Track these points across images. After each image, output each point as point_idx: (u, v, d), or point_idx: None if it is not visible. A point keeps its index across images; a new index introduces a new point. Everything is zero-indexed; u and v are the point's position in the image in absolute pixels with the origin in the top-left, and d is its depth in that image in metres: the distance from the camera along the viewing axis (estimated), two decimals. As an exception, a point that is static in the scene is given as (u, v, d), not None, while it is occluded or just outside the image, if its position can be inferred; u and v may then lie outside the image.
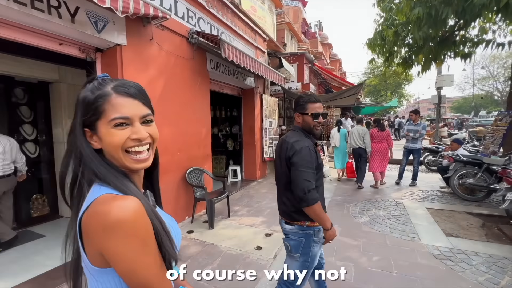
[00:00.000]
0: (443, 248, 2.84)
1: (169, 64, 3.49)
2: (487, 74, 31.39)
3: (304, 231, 1.46)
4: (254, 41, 6.04)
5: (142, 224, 0.52)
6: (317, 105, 1.49)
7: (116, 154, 0.58)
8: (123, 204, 0.51)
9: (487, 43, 4.22)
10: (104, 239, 0.50)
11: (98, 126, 0.58)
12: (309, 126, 1.50)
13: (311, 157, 1.41)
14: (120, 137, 0.57)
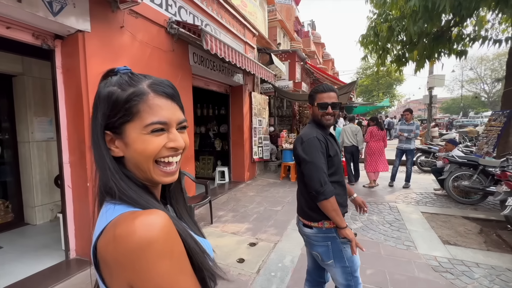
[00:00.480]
0: (442, 258, 2.61)
1: (144, 55, 3.15)
2: (475, 76, 32.07)
3: (326, 234, 1.37)
4: (242, 36, 5.74)
5: (175, 241, 0.44)
6: (325, 95, 1.40)
7: (146, 165, 0.49)
8: (148, 220, 0.42)
9: (483, 40, 4.05)
10: (132, 268, 0.40)
11: (126, 130, 0.48)
12: (318, 117, 1.43)
13: (321, 147, 1.34)
14: (156, 145, 0.49)
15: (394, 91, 29.48)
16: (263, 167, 7.11)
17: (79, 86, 2.48)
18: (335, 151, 1.41)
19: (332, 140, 1.45)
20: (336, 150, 1.43)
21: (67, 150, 2.60)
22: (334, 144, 1.45)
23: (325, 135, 1.41)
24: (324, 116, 1.40)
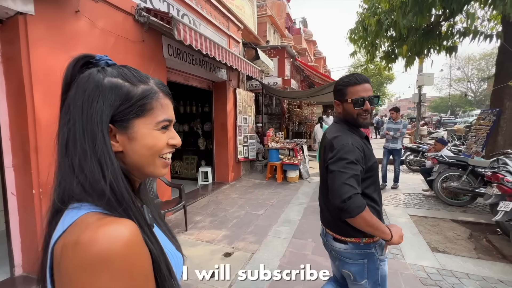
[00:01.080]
0: (430, 269, 2.41)
1: (106, 45, 2.81)
2: (462, 75, 32.69)
3: (364, 251, 1.15)
4: (226, 29, 5.42)
5: (137, 260, 0.39)
6: (360, 88, 1.14)
7: (151, 159, 0.50)
8: (114, 230, 0.38)
9: (474, 34, 3.88)
10: (84, 281, 0.35)
11: (135, 125, 0.48)
12: (352, 116, 1.18)
13: (356, 155, 1.08)
14: (163, 141, 0.51)
15: (385, 89, 29.70)
16: (249, 167, 6.84)
17: (22, 78, 2.13)
18: (374, 158, 1.17)
19: (369, 145, 1.21)
20: (374, 157, 1.19)
21: (10, 152, 2.25)
22: (371, 150, 1.21)
23: (361, 138, 1.18)
24: (361, 115, 1.16)
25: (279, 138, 6.79)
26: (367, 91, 1.14)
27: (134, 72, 0.51)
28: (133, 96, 0.48)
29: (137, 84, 0.49)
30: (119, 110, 0.47)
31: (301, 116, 10.54)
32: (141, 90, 0.49)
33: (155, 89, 0.51)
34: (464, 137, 9.08)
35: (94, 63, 0.50)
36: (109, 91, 0.46)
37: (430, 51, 4.77)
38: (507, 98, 4.48)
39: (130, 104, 0.47)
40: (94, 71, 0.47)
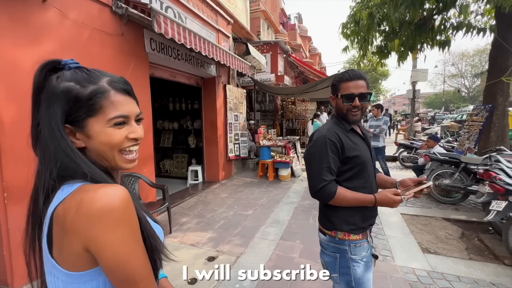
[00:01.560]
0: (421, 271, 2.33)
1: (79, 39, 2.63)
2: (456, 72, 32.87)
3: (337, 245, 1.20)
4: (214, 23, 5.24)
5: (131, 212, 0.50)
6: (351, 84, 1.17)
7: (110, 154, 0.55)
8: (111, 190, 0.49)
9: (467, 28, 3.78)
10: (90, 229, 0.46)
11: (88, 124, 0.53)
12: (342, 111, 1.21)
13: (328, 147, 1.14)
14: (119, 136, 0.55)
15: (380, 86, 29.72)
16: (240, 165, 6.71)
17: (-20, 73, 1.96)
18: (357, 151, 1.18)
19: (355, 138, 1.22)
20: (360, 150, 1.19)
21: (-29, 154, 2.08)
22: (359, 143, 1.21)
23: (344, 132, 1.21)
24: (350, 110, 1.18)
25: (271, 136, 6.66)
26: (358, 88, 1.16)
27: (88, 73, 0.54)
28: (82, 98, 0.51)
29: (87, 86, 0.52)
30: (72, 112, 0.52)
31: (295, 112, 10.42)
32: (89, 91, 0.52)
33: (104, 88, 0.53)
34: (457, 133, 9.07)
35: (62, 67, 0.55)
36: (61, 95, 0.51)
37: (423, 46, 4.66)
38: (500, 93, 4.41)
39: (80, 105, 0.51)
40: (54, 78, 0.53)
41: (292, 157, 5.92)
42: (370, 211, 1.20)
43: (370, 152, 1.25)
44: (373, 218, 1.24)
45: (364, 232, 1.19)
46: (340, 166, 1.16)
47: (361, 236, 1.18)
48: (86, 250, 0.47)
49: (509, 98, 4.55)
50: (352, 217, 1.18)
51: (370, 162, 1.22)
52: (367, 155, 1.21)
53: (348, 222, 1.17)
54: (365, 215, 1.19)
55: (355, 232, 1.17)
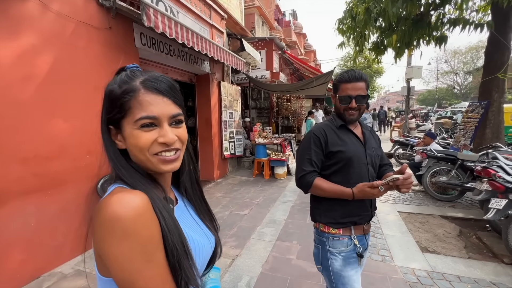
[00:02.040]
0: (420, 271, 2.28)
1: (63, 32, 2.48)
2: (448, 69, 33.23)
3: (319, 237, 1.26)
4: (208, 18, 5.09)
5: (144, 225, 0.44)
6: (350, 86, 1.18)
7: (142, 157, 0.52)
8: (125, 197, 0.45)
9: (465, 24, 3.73)
10: (100, 237, 0.43)
11: (123, 125, 0.52)
12: (339, 111, 1.25)
13: (312, 141, 1.22)
14: (145, 140, 0.51)
15: (374, 83, 29.87)
16: (236, 164, 6.61)
17: (-47, 68, 1.81)
18: (342, 147, 1.19)
19: (345, 135, 1.23)
20: (346, 146, 1.20)
21: None
22: (348, 140, 1.22)
23: (332, 128, 1.24)
24: (347, 111, 1.21)
25: (266, 133, 6.58)
26: (356, 90, 1.17)
27: (132, 73, 0.53)
28: (115, 98, 0.51)
29: (122, 86, 0.51)
30: (111, 114, 0.52)
31: (290, 110, 10.34)
32: (121, 90, 0.50)
33: (134, 87, 0.51)
34: (451, 130, 9.13)
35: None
36: (105, 97, 0.53)
37: (419, 42, 4.61)
38: (496, 90, 4.40)
39: (114, 107, 0.51)
40: (111, 81, 0.55)
41: (288, 155, 5.85)
42: (354, 208, 1.19)
43: (366, 150, 1.23)
44: (357, 217, 1.20)
45: (345, 228, 1.20)
46: (324, 160, 1.21)
47: (341, 231, 1.20)
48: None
49: (505, 95, 4.55)
50: (331, 211, 1.21)
51: (361, 159, 1.20)
52: (356, 152, 1.20)
53: (327, 216, 1.22)
54: (345, 211, 1.19)
55: (334, 226, 1.20)
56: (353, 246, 1.19)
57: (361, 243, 1.21)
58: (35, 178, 2.24)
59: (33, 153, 2.22)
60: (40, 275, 2.29)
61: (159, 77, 0.54)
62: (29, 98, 2.20)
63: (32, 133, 2.22)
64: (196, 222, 0.63)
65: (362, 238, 1.23)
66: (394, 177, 1.02)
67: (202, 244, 0.59)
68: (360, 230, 1.22)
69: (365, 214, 1.23)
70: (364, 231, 1.24)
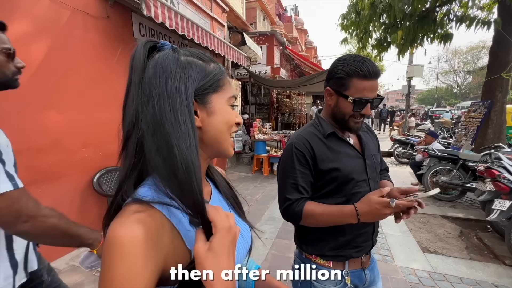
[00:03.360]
0: (421, 272, 2.25)
1: (59, 20, 2.38)
2: (449, 68, 33.22)
3: (301, 262, 0.98)
4: (209, 10, 4.97)
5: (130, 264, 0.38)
6: (368, 85, 0.84)
7: (226, 135, 0.51)
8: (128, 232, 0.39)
9: (471, 21, 3.67)
10: (103, 267, 0.40)
11: (212, 100, 0.50)
12: (343, 117, 0.91)
13: (295, 158, 0.91)
14: (234, 116, 0.52)
15: (374, 81, 29.74)
16: (235, 160, 6.55)
17: None
18: (336, 163, 0.90)
19: (337, 146, 0.93)
20: (341, 161, 0.91)
21: None
22: (342, 152, 0.93)
23: (319, 138, 0.93)
24: (355, 118, 0.89)
25: (266, 130, 6.51)
26: (373, 91, 0.86)
27: (202, 52, 0.52)
28: (210, 72, 0.50)
29: (209, 62, 0.51)
30: (200, 85, 0.48)
31: (291, 106, 10.27)
32: (213, 67, 0.51)
33: (223, 68, 0.53)
34: (452, 129, 9.12)
35: (159, 48, 0.50)
36: (190, 67, 0.48)
37: (423, 39, 4.55)
38: (499, 90, 4.36)
39: (208, 80, 0.49)
40: (170, 51, 0.48)
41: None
42: (351, 238, 0.92)
43: (365, 161, 0.95)
44: (354, 249, 0.92)
45: (338, 262, 0.94)
46: (313, 182, 0.92)
47: (331, 264, 0.94)
48: None
49: (508, 95, 4.51)
50: (319, 242, 0.94)
51: (360, 175, 0.93)
52: (354, 167, 0.92)
53: (314, 247, 0.95)
54: (338, 243, 0.92)
55: (324, 258, 0.94)
56: (344, 285, 0.93)
57: (357, 280, 0.95)
58: (27, 171, 2.16)
59: (25, 145, 2.14)
60: (33, 270, 2.23)
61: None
62: (21, 88, 2.10)
63: (24, 124, 2.13)
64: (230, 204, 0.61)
65: (360, 273, 0.96)
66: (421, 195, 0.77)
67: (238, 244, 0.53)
68: (357, 264, 0.95)
69: (364, 245, 0.95)
70: (362, 265, 0.96)
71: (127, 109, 0.47)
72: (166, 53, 0.48)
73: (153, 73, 0.45)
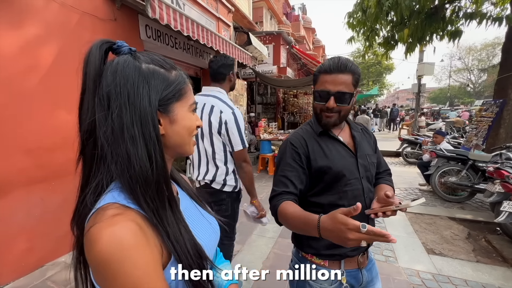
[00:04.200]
0: (425, 274, 2.22)
1: (67, 23, 2.47)
2: (462, 66, 32.23)
3: (298, 262, 0.99)
4: (214, 11, 5.02)
5: (134, 264, 0.39)
6: (329, 78, 0.89)
7: (188, 139, 0.54)
8: (115, 235, 0.39)
9: (481, 18, 3.56)
10: (93, 272, 0.41)
11: (175, 108, 0.51)
12: (315, 110, 0.97)
13: (288, 155, 0.94)
14: (195, 121, 0.55)
15: (384, 79, 29.22)
16: (240, 159, 6.59)
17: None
18: (328, 161, 0.92)
19: (330, 145, 0.96)
20: (333, 160, 0.93)
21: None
22: (334, 151, 0.95)
23: (313, 136, 0.97)
24: (324, 111, 0.93)
25: (271, 129, 6.52)
26: (337, 84, 0.88)
27: (163, 58, 0.52)
28: (173, 82, 0.50)
29: (170, 70, 0.51)
30: (163, 96, 0.49)
31: (297, 106, 10.23)
32: (175, 75, 0.51)
33: (185, 75, 0.54)
34: (463, 129, 8.87)
35: (115, 50, 0.49)
36: (152, 76, 0.47)
37: (432, 37, 4.45)
38: (512, 88, 4.22)
39: (171, 89, 0.50)
40: (129, 58, 0.47)
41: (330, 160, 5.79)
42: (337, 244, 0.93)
43: (357, 160, 0.96)
44: (350, 248, 0.90)
45: (334, 261, 0.94)
46: (305, 178, 0.93)
47: (326, 263, 0.94)
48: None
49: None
50: (313, 240, 0.93)
51: (352, 174, 0.94)
52: (345, 165, 0.93)
53: (309, 246, 0.95)
54: (330, 242, 0.90)
55: (319, 257, 0.95)
56: (339, 284, 0.93)
57: (353, 280, 0.95)
58: (38, 169, 2.26)
59: (36, 144, 2.23)
60: (44, 264, 2.33)
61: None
62: (32, 89, 2.20)
63: (35, 124, 2.23)
64: (197, 210, 0.62)
65: (356, 273, 0.96)
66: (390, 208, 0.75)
67: (209, 236, 0.58)
68: (353, 264, 0.95)
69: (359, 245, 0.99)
70: (359, 265, 0.96)
71: (82, 117, 0.45)
72: (125, 59, 0.46)
73: (112, 81, 0.44)
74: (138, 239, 0.41)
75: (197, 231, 0.54)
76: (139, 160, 0.44)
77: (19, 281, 2.12)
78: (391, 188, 1.04)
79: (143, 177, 0.44)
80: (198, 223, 0.58)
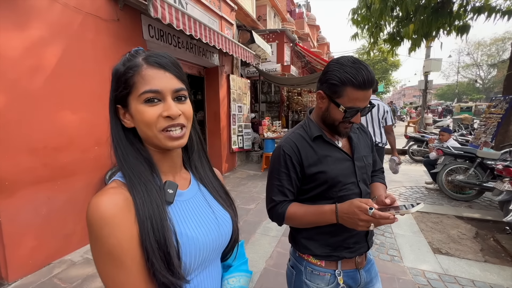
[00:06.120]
0: (431, 274, 2.18)
1: (71, 24, 2.49)
2: (471, 62, 31.52)
3: (296, 262, 1.00)
4: (217, 9, 5.01)
5: (110, 233, 0.44)
6: (361, 95, 0.81)
7: (150, 133, 0.52)
8: (99, 200, 0.46)
9: (490, 11, 3.46)
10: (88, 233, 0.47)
11: (129, 102, 0.52)
12: (333, 122, 0.89)
13: (283, 161, 0.92)
14: (151, 115, 0.51)
15: (390, 76, 28.79)
16: (244, 158, 6.60)
17: (-35, 59, 1.85)
18: (322, 166, 0.90)
19: (324, 149, 0.92)
20: (328, 165, 0.90)
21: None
22: (329, 155, 0.91)
23: (306, 141, 0.93)
24: (344, 124, 0.88)
25: (275, 127, 6.49)
26: (365, 101, 0.83)
27: (135, 53, 0.53)
28: (122, 75, 0.51)
29: (126, 64, 0.52)
30: (118, 91, 0.52)
31: (301, 104, 10.17)
32: (125, 67, 0.51)
33: (137, 63, 0.51)
34: (471, 126, 8.68)
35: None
36: (113, 75, 0.54)
37: (439, 32, 4.34)
38: (522, 83, 4.11)
39: (119, 84, 0.51)
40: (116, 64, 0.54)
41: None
42: (342, 239, 0.91)
43: (354, 163, 0.94)
44: (346, 250, 0.92)
45: (331, 262, 0.93)
46: (299, 185, 0.93)
47: (323, 263, 0.93)
48: None
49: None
50: (310, 241, 0.94)
51: (348, 178, 0.92)
52: (342, 170, 0.91)
53: (306, 246, 0.95)
54: (328, 243, 0.92)
55: (316, 257, 0.94)
56: (336, 284, 0.92)
57: (351, 280, 0.94)
58: (45, 168, 2.29)
59: (42, 144, 2.27)
60: (50, 261, 2.37)
61: (161, 53, 0.54)
62: (38, 90, 2.23)
63: (41, 124, 2.26)
64: (208, 204, 0.61)
65: (354, 274, 0.95)
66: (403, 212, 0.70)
67: (208, 229, 0.57)
68: (351, 264, 0.95)
69: (357, 247, 0.93)
70: (357, 265, 0.95)
71: None
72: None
73: None
74: (118, 210, 0.46)
75: (192, 222, 0.55)
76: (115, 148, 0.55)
77: (27, 278, 2.16)
78: (385, 188, 1.06)
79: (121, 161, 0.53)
80: (200, 215, 0.58)
